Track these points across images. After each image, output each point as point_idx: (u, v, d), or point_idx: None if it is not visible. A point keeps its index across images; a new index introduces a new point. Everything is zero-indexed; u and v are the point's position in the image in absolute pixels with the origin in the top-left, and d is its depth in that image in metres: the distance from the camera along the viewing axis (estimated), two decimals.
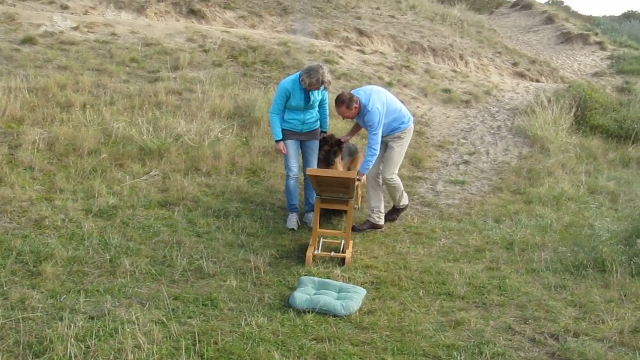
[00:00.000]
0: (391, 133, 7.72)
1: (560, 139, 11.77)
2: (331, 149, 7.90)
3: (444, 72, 16.06)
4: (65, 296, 5.61)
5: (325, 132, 8.02)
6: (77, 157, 8.73)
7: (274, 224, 7.81)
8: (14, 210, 7.25)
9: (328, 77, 7.38)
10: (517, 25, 30.61)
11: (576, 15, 35.61)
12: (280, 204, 8.38)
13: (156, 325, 5.16)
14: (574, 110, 13.06)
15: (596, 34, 27.83)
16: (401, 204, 8.25)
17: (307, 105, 7.58)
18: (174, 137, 9.48)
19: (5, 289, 5.62)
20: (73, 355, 4.60)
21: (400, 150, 7.86)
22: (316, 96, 7.61)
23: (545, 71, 20.67)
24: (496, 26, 28.10)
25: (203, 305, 5.67)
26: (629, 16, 40.86)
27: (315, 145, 7.89)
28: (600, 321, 5.61)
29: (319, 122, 7.92)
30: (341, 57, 14.93)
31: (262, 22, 18.16)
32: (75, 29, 13.49)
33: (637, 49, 27.22)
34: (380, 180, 7.99)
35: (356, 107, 7.43)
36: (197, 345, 4.86)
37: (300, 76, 7.44)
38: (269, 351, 4.88)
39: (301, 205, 8.12)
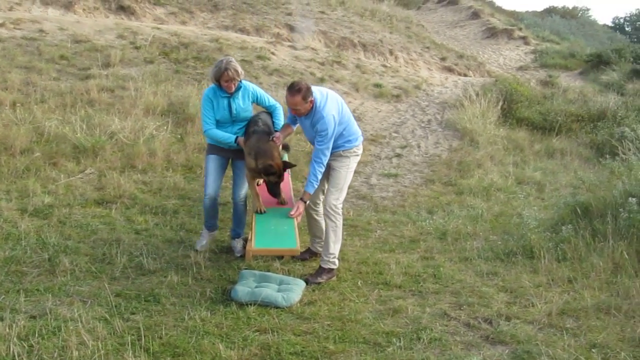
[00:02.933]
0: (333, 150, 6.44)
1: (488, 131, 12.15)
2: (278, 179, 6.64)
3: (374, 67, 16.33)
4: (4, 296, 5.55)
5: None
6: (9, 156, 8.61)
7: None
8: None
9: (234, 65, 6.47)
10: (444, 20, 31.26)
11: (500, 10, 36.53)
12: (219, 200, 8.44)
13: (99, 322, 5.17)
14: (500, 103, 13.50)
15: (520, 29, 28.66)
16: (330, 251, 6.46)
17: (232, 116, 6.68)
18: (108, 135, 9.44)
19: None
20: (16, 354, 4.58)
21: (346, 174, 6.54)
22: (239, 104, 6.67)
23: (472, 65, 21.20)
24: (424, 21, 28.62)
25: (145, 301, 5.69)
26: (550, 11, 42.16)
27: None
28: (530, 304, 5.87)
29: None
30: (273, 53, 15.03)
31: (192, 19, 18.09)
32: (1, 25, 13.20)
33: (559, 43, 28.16)
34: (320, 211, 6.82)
35: (311, 102, 6.24)
36: (142, 340, 4.89)
37: None
38: (213, 343, 4.95)
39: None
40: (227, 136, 6.70)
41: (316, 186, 6.41)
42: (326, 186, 6.66)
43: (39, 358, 4.59)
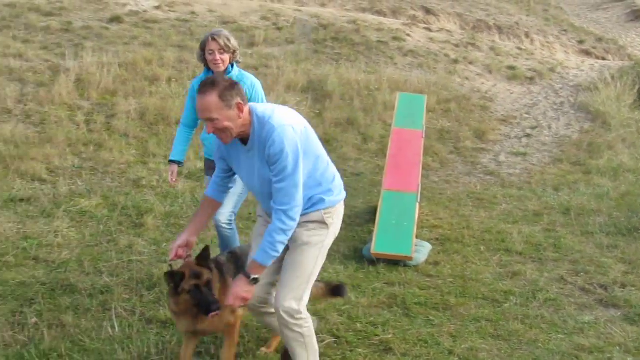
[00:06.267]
0: (305, 212, 3.77)
1: (622, 114, 12.09)
2: (198, 279, 3.82)
3: (509, 49, 16.39)
4: (165, 244, 6.40)
5: None
6: (166, 125, 9.56)
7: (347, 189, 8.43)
8: (114, 171, 8.13)
9: (226, 34, 5.04)
10: (586, 2, 30.38)
11: None
12: (352, 170, 9.04)
13: None
14: (637, 86, 13.32)
15: None
16: None
17: None
18: None
19: (115, 236, 6.48)
20: None
21: (318, 254, 3.89)
22: None
23: (611, 49, 20.73)
24: (563, 4, 27.99)
25: None
26: None
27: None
28: None
29: None
30: (408, 35, 15.43)
31: (332, 1, 18.76)
32: (157, 7, 14.36)
33: None
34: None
35: (239, 106, 3.53)
36: None
37: None
38: None
39: None
40: (174, 147, 5.59)
41: (275, 256, 3.68)
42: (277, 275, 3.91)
43: None
